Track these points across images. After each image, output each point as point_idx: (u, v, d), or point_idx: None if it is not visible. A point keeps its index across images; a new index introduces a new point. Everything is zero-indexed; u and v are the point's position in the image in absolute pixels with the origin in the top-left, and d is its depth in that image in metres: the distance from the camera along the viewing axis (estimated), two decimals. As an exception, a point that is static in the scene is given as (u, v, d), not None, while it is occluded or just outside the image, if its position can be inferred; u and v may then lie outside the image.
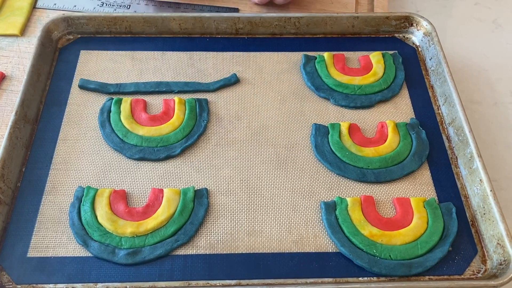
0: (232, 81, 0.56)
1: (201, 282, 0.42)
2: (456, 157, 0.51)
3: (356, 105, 0.54)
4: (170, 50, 0.59)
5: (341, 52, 0.59)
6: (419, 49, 0.60)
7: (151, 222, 0.45)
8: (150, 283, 0.42)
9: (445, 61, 0.55)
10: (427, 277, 0.43)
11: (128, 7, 0.65)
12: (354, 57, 0.59)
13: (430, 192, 0.48)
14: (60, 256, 0.43)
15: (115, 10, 0.65)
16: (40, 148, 0.50)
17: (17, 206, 0.46)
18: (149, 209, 0.46)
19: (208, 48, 0.59)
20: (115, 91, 0.54)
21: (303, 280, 0.43)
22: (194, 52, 0.59)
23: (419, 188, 0.49)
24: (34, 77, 0.53)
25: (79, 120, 0.52)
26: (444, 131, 0.53)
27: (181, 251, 0.44)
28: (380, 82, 0.56)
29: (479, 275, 0.43)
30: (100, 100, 0.54)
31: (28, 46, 0.60)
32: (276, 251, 0.44)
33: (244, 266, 0.43)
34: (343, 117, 0.54)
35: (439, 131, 0.53)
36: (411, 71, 0.58)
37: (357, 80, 0.56)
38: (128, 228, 0.44)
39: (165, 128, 0.51)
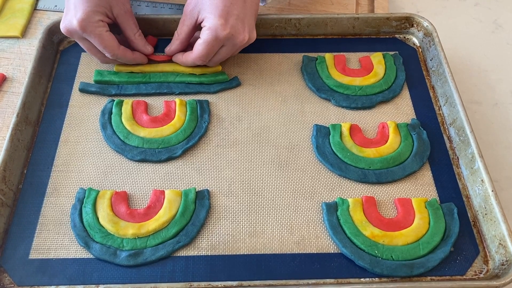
0: (233, 85, 0.56)
1: (202, 284, 0.42)
2: (458, 157, 0.51)
3: (357, 106, 0.54)
4: (171, 51, 0.59)
5: (341, 53, 0.59)
6: (420, 50, 0.60)
7: (152, 224, 0.45)
8: (152, 285, 0.42)
9: (445, 62, 0.55)
10: (429, 277, 0.43)
11: (128, 9, 0.65)
12: (354, 58, 0.59)
13: (431, 193, 0.48)
14: (61, 258, 0.43)
15: (116, 12, 0.65)
16: (41, 150, 0.50)
17: (19, 208, 0.46)
18: (151, 211, 0.46)
19: (209, 50, 0.59)
20: (117, 93, 0.54)
21: (305, 281, 0.43)
22: (195, 53, 0.59)
23: (421, 189, 0.49)
24: (35, 79, 0.53)
25: (80, 122, 0.52)
26: (445, 131, 0.53)
27: (183, 253, 0.44)
28: (381, 83, 0.56)
29: (481, 275, 0.43)
30: (101, 101, 0.54)
31: (29, 48, 0.60)
32: (277, 252, 0.44)
33: (245, 267, 0.43)
34: (344, 118, 0.54)
35: (440, 131, 0.53)
36: (412, 72, 0.58)
37: (358, 81, 0.56)
38: (129, 229, 0.44)
39: (166, 130, 0.51)
